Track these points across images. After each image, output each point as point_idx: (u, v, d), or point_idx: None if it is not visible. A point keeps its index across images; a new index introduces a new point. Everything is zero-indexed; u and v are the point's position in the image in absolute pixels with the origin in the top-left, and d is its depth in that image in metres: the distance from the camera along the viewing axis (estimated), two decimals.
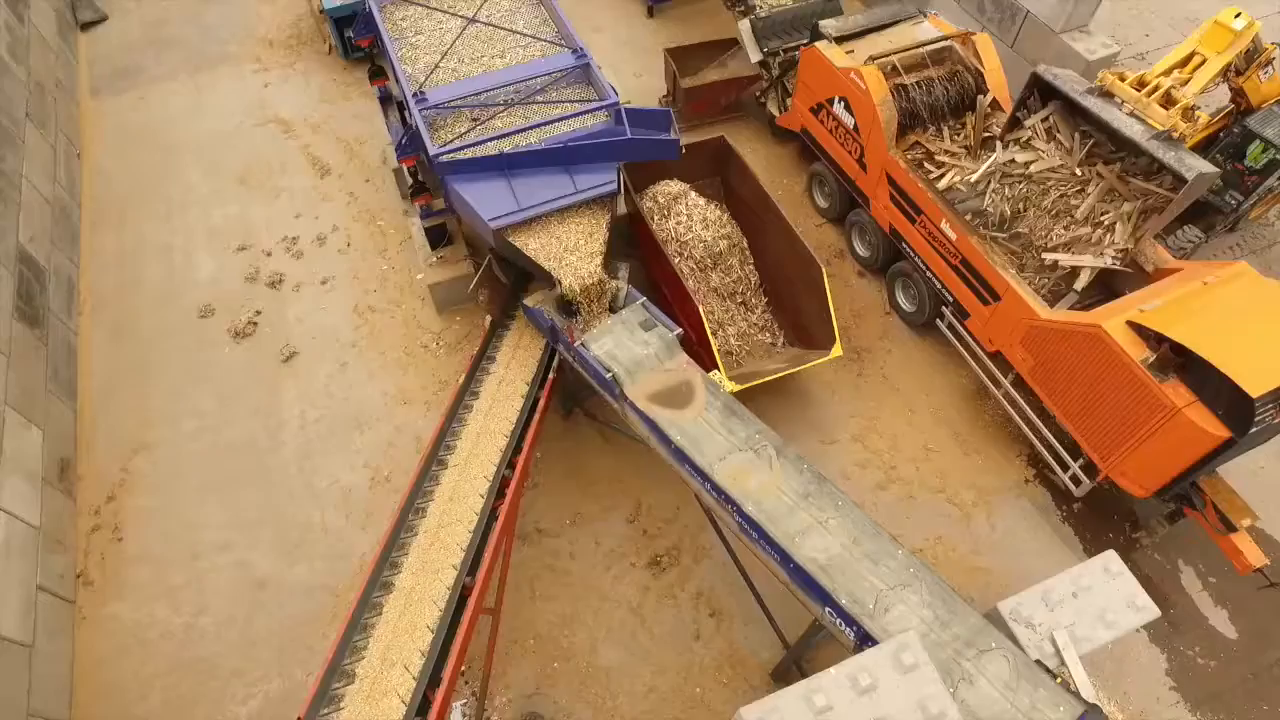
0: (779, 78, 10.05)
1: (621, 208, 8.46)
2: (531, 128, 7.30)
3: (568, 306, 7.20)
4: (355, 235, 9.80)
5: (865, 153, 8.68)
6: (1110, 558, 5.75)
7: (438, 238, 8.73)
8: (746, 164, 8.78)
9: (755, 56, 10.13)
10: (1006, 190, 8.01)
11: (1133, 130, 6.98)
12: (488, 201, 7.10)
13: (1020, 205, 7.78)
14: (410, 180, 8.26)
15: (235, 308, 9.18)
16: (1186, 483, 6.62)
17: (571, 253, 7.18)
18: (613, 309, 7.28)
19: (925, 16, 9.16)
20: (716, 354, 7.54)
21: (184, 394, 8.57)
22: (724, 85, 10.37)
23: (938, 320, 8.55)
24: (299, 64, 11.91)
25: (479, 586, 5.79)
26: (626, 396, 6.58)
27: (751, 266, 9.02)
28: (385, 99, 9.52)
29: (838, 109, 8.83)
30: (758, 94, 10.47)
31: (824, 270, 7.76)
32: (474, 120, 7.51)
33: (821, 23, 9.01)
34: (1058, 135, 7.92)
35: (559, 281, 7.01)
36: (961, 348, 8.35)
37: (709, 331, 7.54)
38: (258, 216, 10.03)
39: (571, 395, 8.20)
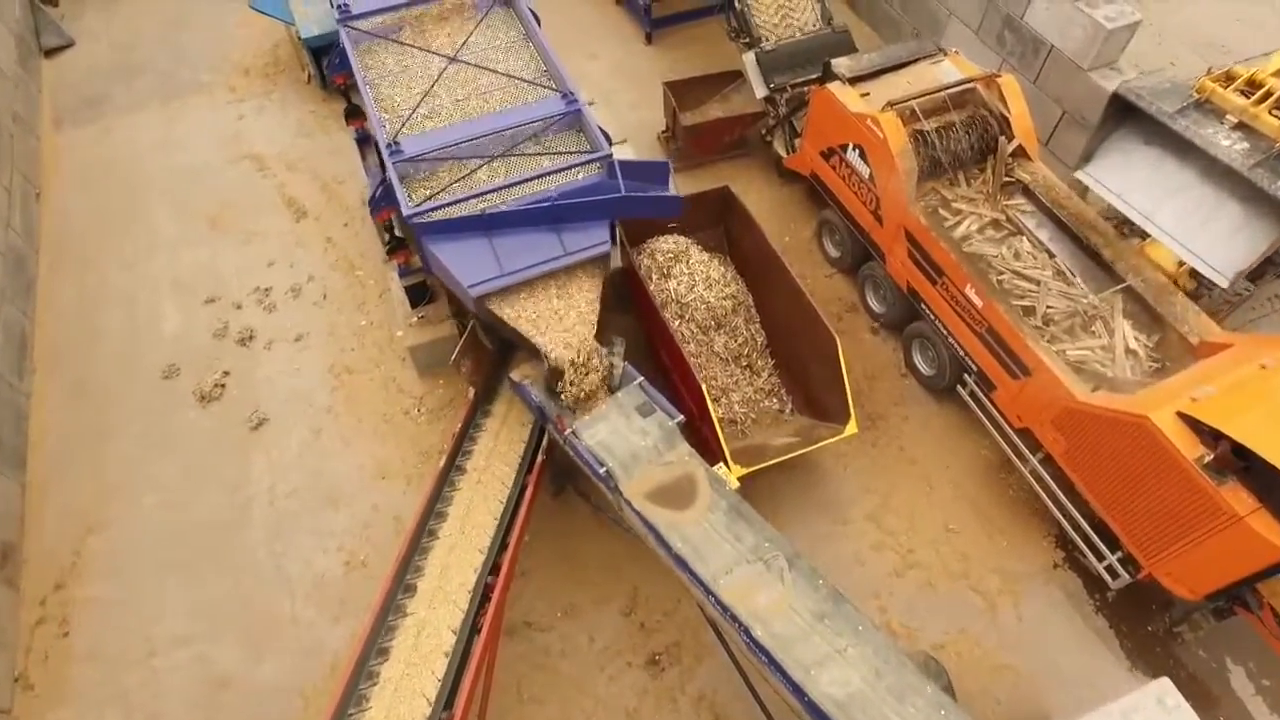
0: (786, 117, 9.39)
1: (615, 261, 7.81)
2: (516, 183, 6.64)
3: (557, 382, 6.56)
4: (332, 286, 9.14)
5: (881, 205, 8.03)
6: (1166, 688, 5.13)
7: (418, 296, 8.08)
8: (752, 217, 8.13)
9: (761, 92, 9.47)
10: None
11: (1232, 156, 6.35)
12: (468, 265, 6.44)
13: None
14: (386, 236, 7.59)
15: (202, 368, 8.52)
16: (1244, 588, 6.00)
17: (560, 322, 6.54)
18: (608, 386, 6.64)
19: (945, 54, 8.50)
20: (719, 428, 6.88)
21: (144, 464, 7.92)
22: (727, 122, 9.72)
23: (959, 387, 7.91)
24: (276, 93, 11.24)
25: (462, 706, 5.17)
26: (623, 494, 5.95)
27: (757, 325, 8.37)
28: (363, 140, 8.86)
29: (852, 156, 8.18)
30: (763, 131, 9.81)
31: (839, 342, 7.11)
32: (453, 173, 6.86)
33: (834, 62, 8.35)
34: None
35: (546, 356, 6.37)
36: (984, 417, 7.72)
37: (709, 400, 6.89)
38: (228, 264, 9.37)
39: (562, 472, 7.55)
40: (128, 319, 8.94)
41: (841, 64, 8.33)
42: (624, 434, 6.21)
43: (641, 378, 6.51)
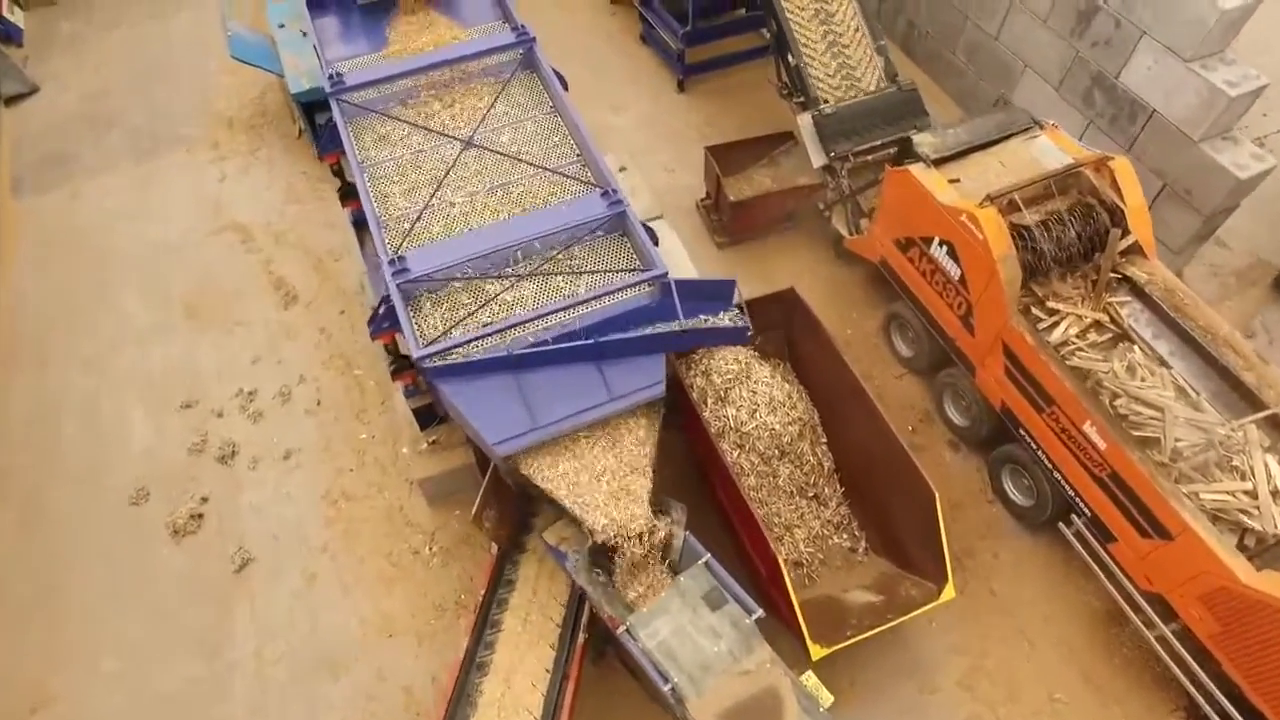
0: (852, 195, 8.19)
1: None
2: (549, 312, 5.45)
3: (604, 561, 5.39)
4: (327, 388, 7.92)
5: (974, 312, 6.84)
6: None
7: (427, 418, 6.87)
8: (822, 326, 6.93)
9: (819, 161, 8.27)
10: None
11: None
12: (492, 417, 5.26)
13: None
14: (389, 357, 6.38)
15: (176, 491, 7.32)
16: None
17: (606, 485, 5.36)
18: (665, 559, 5.47)
19: (1041, 127, 7.31)
20: (795, 597, 5.68)
21: (105, 618, 6.72)
22: (780, 196, 8.52)
23: (1061, 524, 6.74)
24: (263, 150, 10.00)
25: None
26: (690, 714, 4.78)
27: (824, 448, 7.18)
28: (360, 223, 7.65)
29: (937, 253, 6.99)
30: (821, 206, 8.61)
31: (938, 498, 5.93)
32: (471, 294, 5.66)
33: (915, 139, 7.16)
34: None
35: (591, 531, 5.19)
36: (1093, 562, 6.55)
37: (786, 572, 5.69)
38: (207, 360, 8.14)
39: (603, 637, 6.36)
40: (90, 429, 7.72)
41: (925, 142, 7.13)
42: (691, 634, 5.04)
43: (708, 554, 5.34)
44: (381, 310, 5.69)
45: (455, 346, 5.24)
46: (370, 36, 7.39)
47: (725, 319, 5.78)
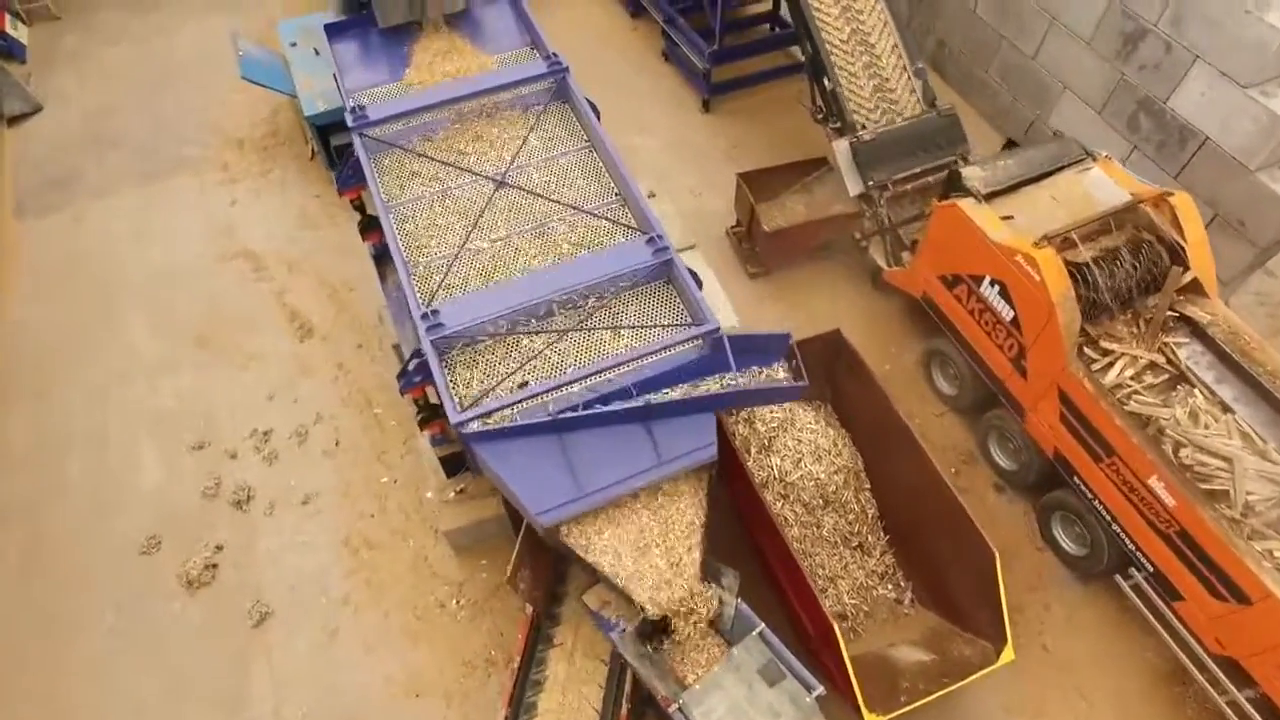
0: (893, 228, 7.88)
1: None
2: (593, 373, 5.10)
3: (651, 634, 5.07)
4: (345, 428, 7.59)
5: (1027, 355, 6.53)
6: None
7: (454, 466, 6.54)
8: (870, 372, 6.62)
9: (855, 189, 7.95)
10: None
11: None
12: (535, 484, 4.92)
13: None
14: (417, 408, 6.05)
15: (189, 539, 6.98)
16: None
17: (653, 554, 5.03)
18: (715, 628, 5.15)
19: (1093, 159, 7.01)
20: (848, 661, 5.36)
21: (114, 676, 6.38)
22: (816, 226, 8.20)
23: (1119, 577, 6.44)
24: (275, 171, 9.66)
25: None
26: None
27: (868, 495, 6.88)
28: (381, 257, 7.33)
29: (988, 292, 6.68)
30: (857, 235, 8.29)
31: (998, 558, 5.63)
32: (510, 351, 5.33)
33: (964, 172, 6.85)
34: None
35: (640, 606, 4.87)
36: (1153, 617, 6.25)
37: (837, 631, 5.38)
38: (220, 397, 7.80)
39: (645, 699, 6.04)
40: (97, 468, 7.38)
41: (974, 176, 6.82)
42: (748, 713, 4.73)
43: (762, 624, 5.02)
44: (413, 366, 5.36)
45: (495, 410, 4.91)
46: (391, 62, 7.04)
47: (779, 373, 5.46)
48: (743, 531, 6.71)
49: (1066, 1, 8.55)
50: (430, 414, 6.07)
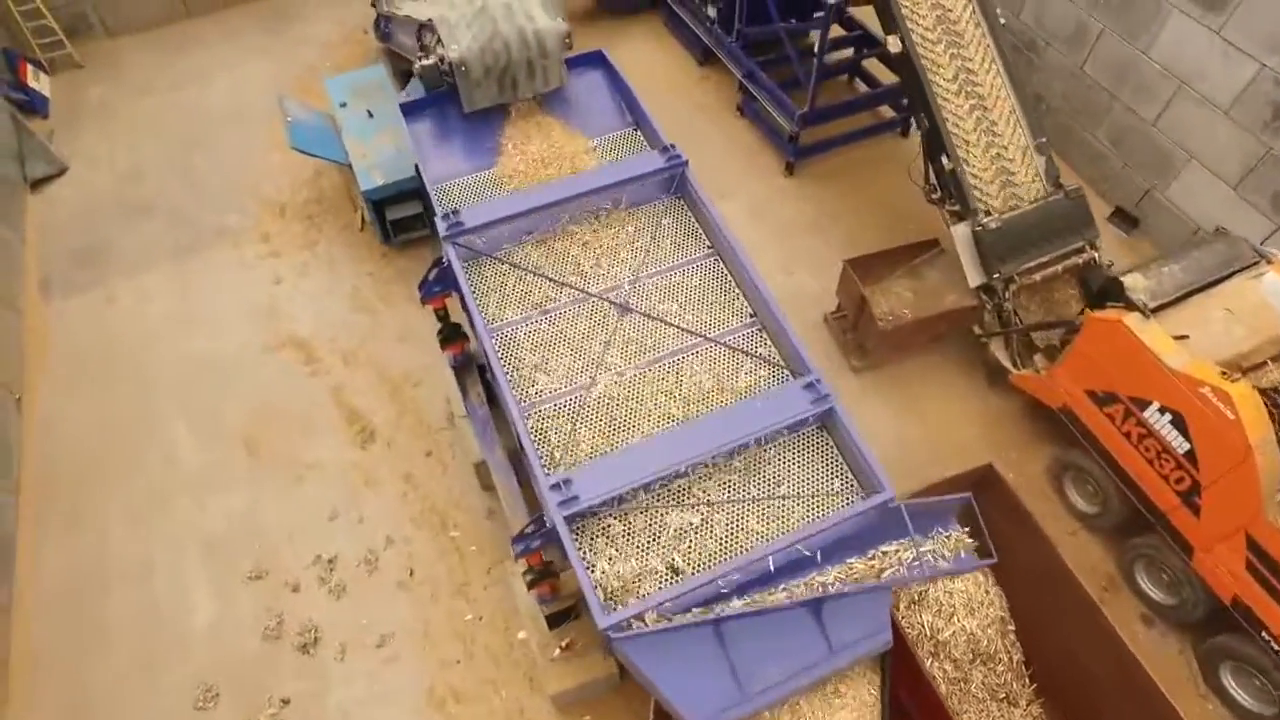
0: (1024, 330, 7.13)
1: None
2: (756, 559, 4.32)
3: None
4: (420, 554, 6.80)
5: (1203, 493, 5.78)
6: None
7: (560, 620, 5.77)
8: (1030, 515, 5.86)
9: (977, 280, 7.18)
10: None
11: None
12: (692, 689, 4.21)
13: None
14: (529, 574, 5.25)
15: (250, 691, 6.19)
16: None
17: None
18: None
19: (1267, 261, 6.26)
20: None
21: None
22: (933, 321, 7.43)
23: None
24: (321, 244, 8.85)
25: None
26: None
27: (1013, 637, 6.12)
28: (463, 366, 6.58)
29: (1155, 419, 5.92)
30: (977, 330, 7.52)
31: None
32: (647, 518, 4.57)
33: (1127, 281, 6.09)
34: None
35: None
36: None
37: None
38: (275, 516, 7.01)
39: None
40: (143, 606, 6.59)
41: (1138, 287, 6.06)
42: None
43: None
44: (537, 542, 4.60)
45: (649, 610, 4.14)
46: (478, 148, 6.29)
47: (956, 542, 4.71)
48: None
49: (1202, 67, 7.77)
50: (541, 575, 5.27)
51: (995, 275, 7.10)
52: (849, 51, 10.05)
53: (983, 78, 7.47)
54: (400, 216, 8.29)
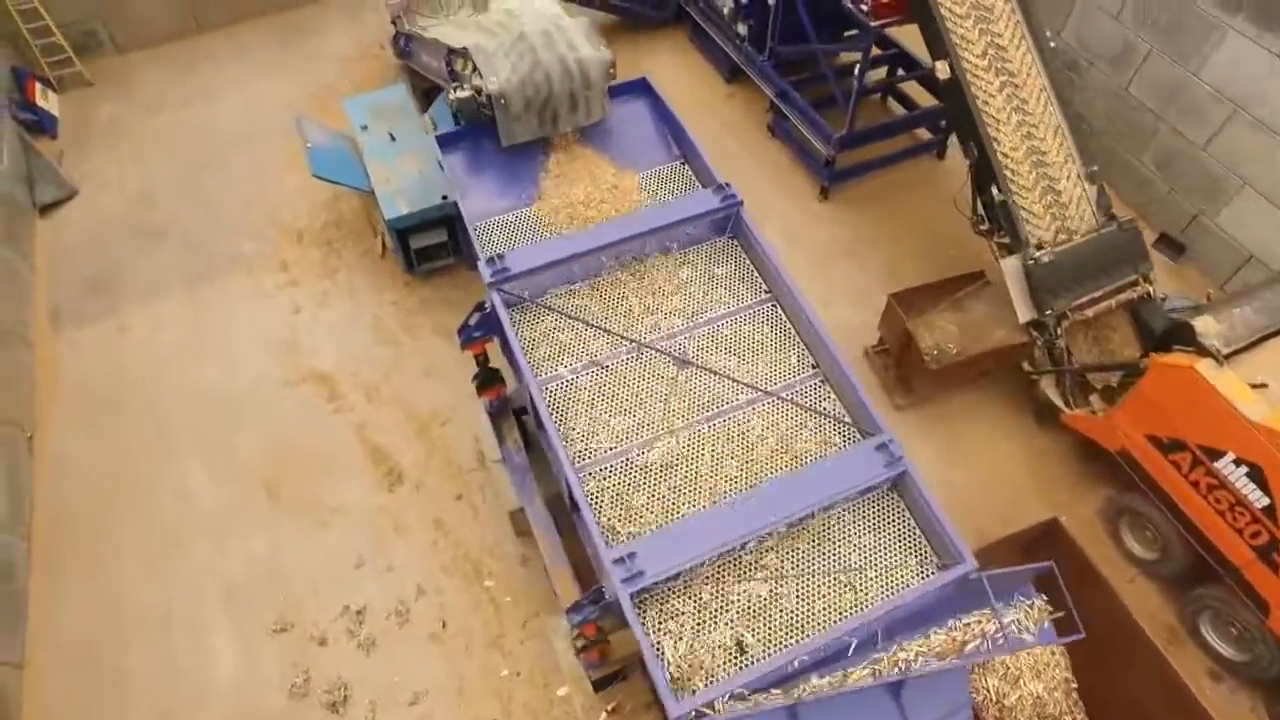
0: (1079, 371, 6.86)
1: None
2: (834, 641, 4.04)
3: None
4: (452, 605, 6.51)
5: None
6: None
7: (606, 683, 5.48)
8: (1099, 571, 5.59)
9: (1027, 315, 6.92)
10: None
11: None
12: None
13: None
14: (577, 641, 4.96)
15: None
16: None
17: None
18: None
19: None
20: None
21: None
22: (981, 359, 7.15)
23: None
24: (341, 272, 8.54)
25: None
26: None
27: (1076, 695, 5.85)
28: (499, 412, 6.28)
29: (1229, 471, 5.64)
30: (1027, 366, 7.25)
31: None
32: (712, 590, 4.29)
33: (1198, 325, 5.80)
34: None
35: None
36: None
37: None
38: (296, 561, 6.72)
39: None
40: (162, 660, 6.28)
41: (1210, 328, 5.78)
42: None
43: None
44: (597, 615, 4.31)
45: (719, 697, 3.86)
46: (518, 183, 6.03)
47: (1040, 612, 4.44)
48: None
49: (1261, 90, 7.50)
50: (594, 640, 4.98)
51: (1048, 311, 6.83)
52: (883, 70, 9.77)
53: (1033, 106, 7.20)
54: (424, 245, 7.98)
